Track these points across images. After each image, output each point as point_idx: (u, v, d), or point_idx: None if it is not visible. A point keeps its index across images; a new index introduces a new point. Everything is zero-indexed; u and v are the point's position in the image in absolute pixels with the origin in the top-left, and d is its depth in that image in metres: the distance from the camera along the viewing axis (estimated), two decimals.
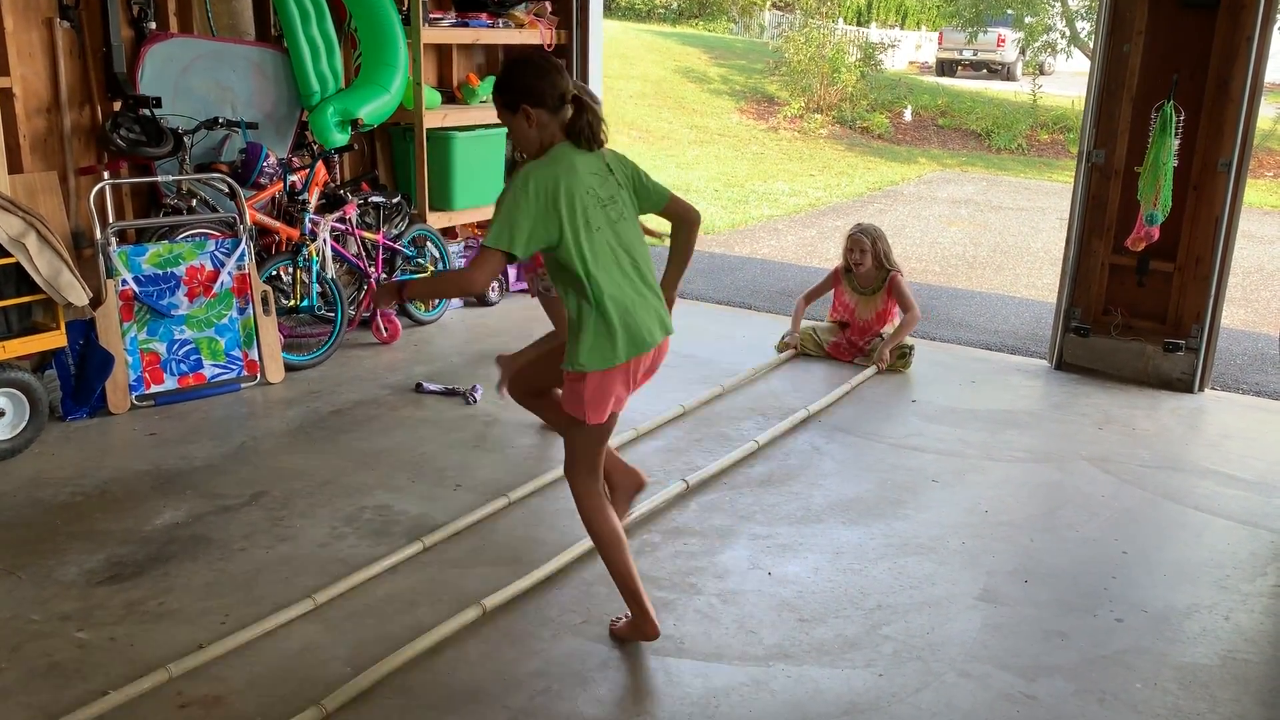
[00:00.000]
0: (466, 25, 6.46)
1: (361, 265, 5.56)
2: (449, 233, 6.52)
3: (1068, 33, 20.74)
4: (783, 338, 5.74)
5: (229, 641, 2.88)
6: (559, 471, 3.68)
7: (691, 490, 3.95)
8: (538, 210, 2.65)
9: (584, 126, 2.77)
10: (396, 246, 5.76)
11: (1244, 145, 5.02)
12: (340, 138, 5.61)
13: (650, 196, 2.93)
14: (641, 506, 3.71)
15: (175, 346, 4.71)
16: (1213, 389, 5.39)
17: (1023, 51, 23.32)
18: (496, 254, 2.65)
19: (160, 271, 4.66)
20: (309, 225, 5.20)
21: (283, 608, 3.06)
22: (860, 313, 5.63)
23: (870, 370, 5.37)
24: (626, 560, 2.91)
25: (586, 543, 3.43)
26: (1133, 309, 5.45)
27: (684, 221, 3.02)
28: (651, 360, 2.88)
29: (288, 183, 5.34)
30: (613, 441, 3.06)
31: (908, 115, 17.65)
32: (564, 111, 2.75)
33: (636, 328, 2.77)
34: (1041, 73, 21.68)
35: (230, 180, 4.93)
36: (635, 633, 2.97)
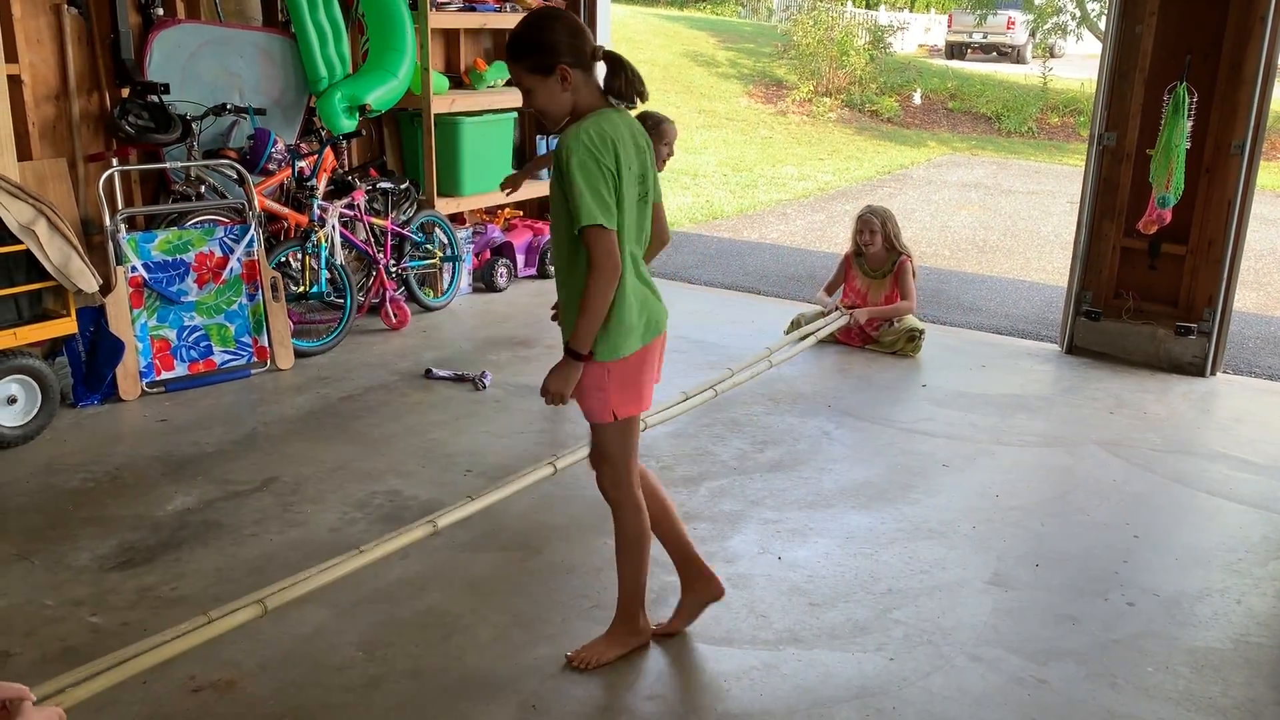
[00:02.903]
0: (474, 10, 6.44)
1: (370, 251, 5.56)
2: (457, 218, 6.51)
3: (1078, 14, 20.60)
4: (819, 311, 5.70)
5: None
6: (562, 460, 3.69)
7: (702, 474, 3.95)
8: (612, 178, 2.43)
9: (624, 84, 2.50)
10: (405, 232, 5.76)
11: (1257, 127, 4.98)
12: (348, 123, 5.60)
13: (654, 189, 2.68)
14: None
15: (185, 333, 4.72)
16: (1225, 373, 5.37)
17: (1032, 34, 23.17)
18: (603, 230, 2.42)
19: (170, 258, 4.66)
20: (317, 211, 5.20)
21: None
22: (871, 296, 5.61)
23: (843, 320, 5.44)
24: (647, 559, 2.76)
25: (595, 527, 3.44)
26: (1144, 292, 5.42)
27: (656, 239, 2.75)
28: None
29: (296, 169, 5.34)
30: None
31: (917, 98, 17.56)
32: (595, 71, 2.51)
33: (654, 313, 2.65)
34: (1051, 55, 21.52)
35: (239, 166, 4.92)
36: (624, 642, 2.81)
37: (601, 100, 2.54)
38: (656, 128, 4.32)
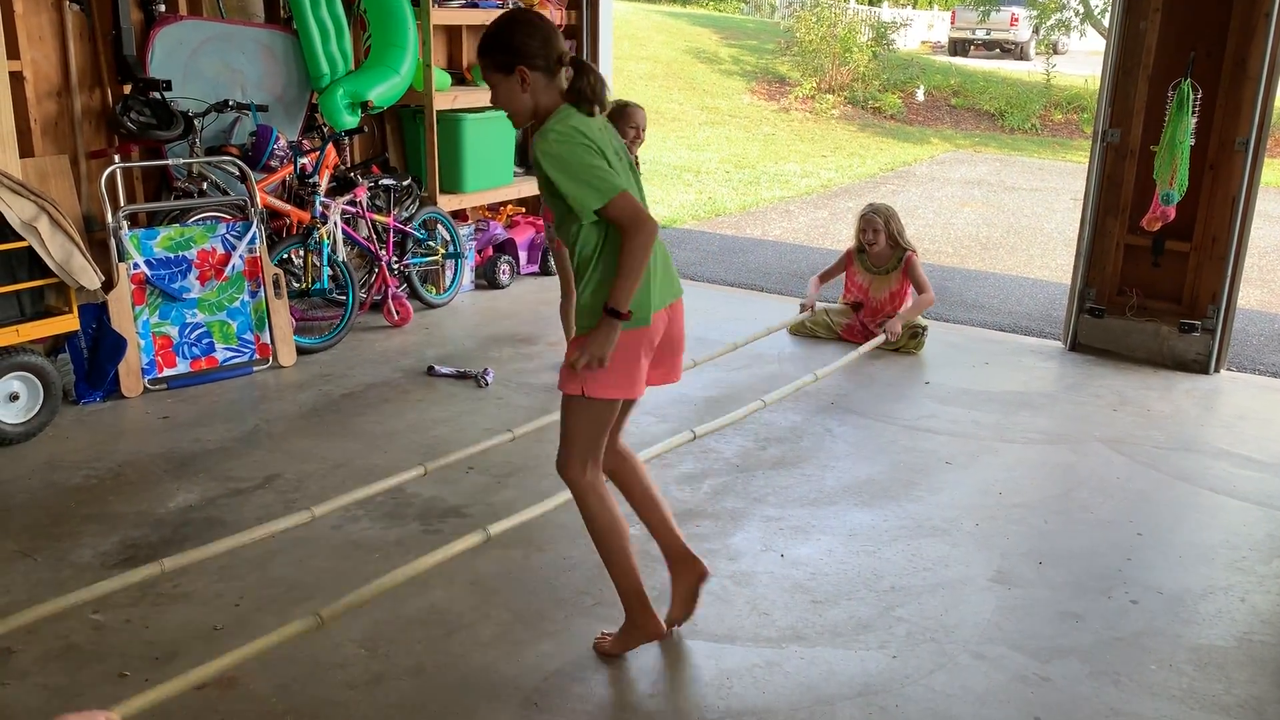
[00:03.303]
0: (476, 6, 6.43)
1: (372, 248, 5.56)
2: (459, 215, 6.51)
3: (1081, 10, 20.56)
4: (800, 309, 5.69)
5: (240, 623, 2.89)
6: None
7: (704, 471, 3.95)
8: (595, 151, 2.46)
9: (586, 87, 2.54)
10: (407, 229, 5.75)
11: (1261, 124, 4.96)
12: (350, 120, 5.60)
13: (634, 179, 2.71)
14: (650, 451, 3.77)
15: (187, 330, 4.72)
16: (1228, 370, 5.36)
17: (1036, 30, 23.13)
18: (617, 195, 2.43)
19: (172, 255, 4.66)
20: (320, 208, 5.19)
21: (295, 588, 3.07)
22: (874, 293, 5.60)
23: (880, 339, 5.33)
24: (628, 553, 2.72)
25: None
26: (1148, 289, 5.41)
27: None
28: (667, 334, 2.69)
29: (298, 165, 5.34)
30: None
31: (920, 95, 17.54)
32: (560, 76, 2.54)
33: (667, 277, 2.64)
34: (1055, 52, 21.51)
35: (241, 163, 4.92)
36: (632, 638, 2.80)
37: (563, 102, 2.57)
38: (622, 111, 4.43)
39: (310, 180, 5.28)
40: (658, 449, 3.99)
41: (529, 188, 6.81)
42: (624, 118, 4.46)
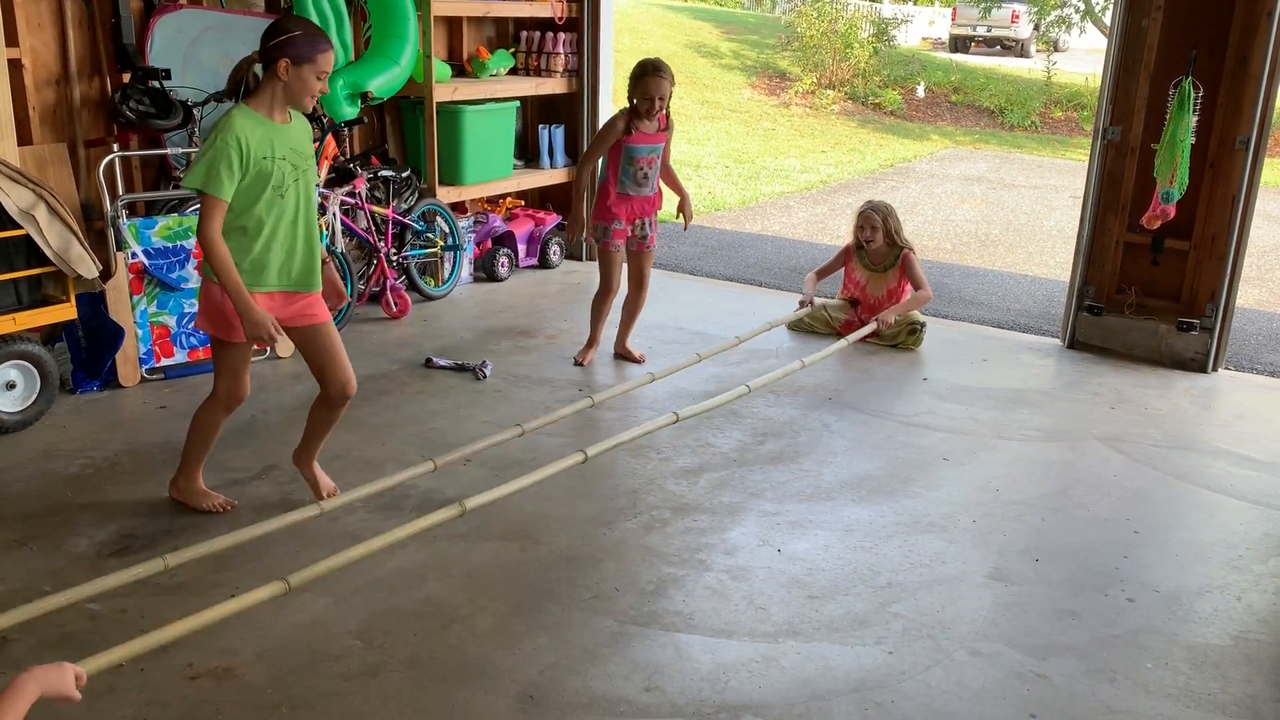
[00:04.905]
0: None
1: (371, 239, 5.54)
2: (459, 207, 6.50)
3: (1082, 8, 20.54)
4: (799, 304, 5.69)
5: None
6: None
7: (701, 466, 3.94)
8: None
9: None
10: (406, 221, 5.74)
11: (1262, 123, 4.96)
12: (350, 111, 5.58)
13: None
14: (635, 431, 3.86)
15: (185, 319, 4.70)
16: (1227, 369, 5.36)
17: (1037, 27, 23.11)
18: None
19: (170, 244, 4.65)
20: (318, 199, 5.17)
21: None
22: (871, 290, 5.60)
23: (870, 327, 5.33)
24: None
25: (595, 518, 3.44)
26: (1147, 288, 5.41)
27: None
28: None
29: None
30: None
31: (920, 92, 17.52)
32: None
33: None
34: (1055, 49, 21.47)
35: None
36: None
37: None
38: (638, 81, 4.71)
39: None
40: (634, 432, 3.95)
41: (529, 180, 6.80)
42: (639, 88, 4.65)
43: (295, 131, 3.25)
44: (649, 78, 4.62)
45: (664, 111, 4.74)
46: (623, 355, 5.15)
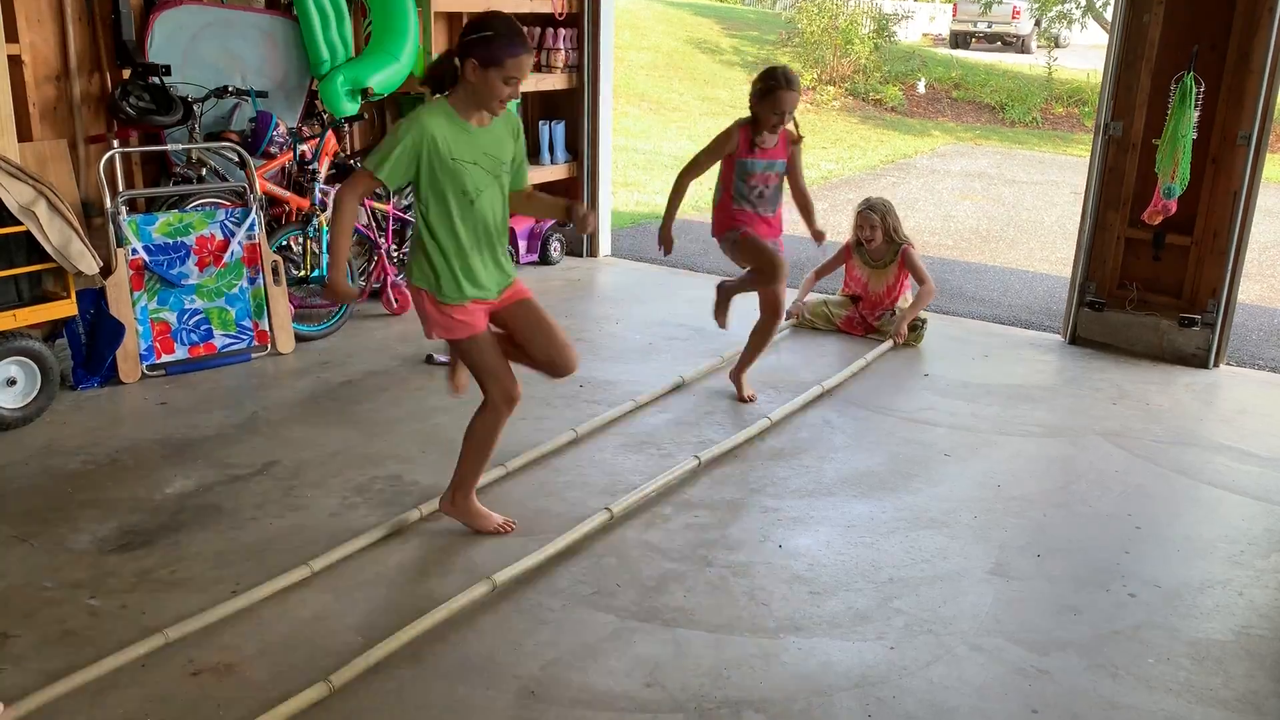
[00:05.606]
0: None
1: (371, 236, 5.54)
2: None
3: (1083, 3, 20.51)
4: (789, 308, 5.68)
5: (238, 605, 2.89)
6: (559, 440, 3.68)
7: (703, 465, 3.94)
8: None
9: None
10: (406, 217, 5.73)
11: (1264, 118, 4.95)
12: (350, 107, 5.57)
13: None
14: (655, 482, 3.71)
15: (186, 316, 4.70)
16: (1228, 364, 5.35)
17: (1037, 23, 23.06)
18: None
19: (170, 241, 4.65)
20: (319, 195, 5.17)
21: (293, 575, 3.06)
22: (872, 286, 5.59)
23: (886, 345, 5.33)
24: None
25: (597, 515, 3.44)
26: (1148, 283, 5.41)
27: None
28: None
29: (298, 152, 5.32)
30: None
31: (921, 88, 17.49)
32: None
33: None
34: (1056, 45, 21.45)
35: (240, 149, 4.90)
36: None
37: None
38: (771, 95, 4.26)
39: (310, 167, 5.26)
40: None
41: (529, 177, 6.77)
42: (768, 102, 4.19)
43: (491, 136, 3.06)
44: (781, 91, 4.13)
45: (787, 127, 4.31)
46: (736, 385, 4.60)
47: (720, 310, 4.80)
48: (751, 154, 4.31)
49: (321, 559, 3.14)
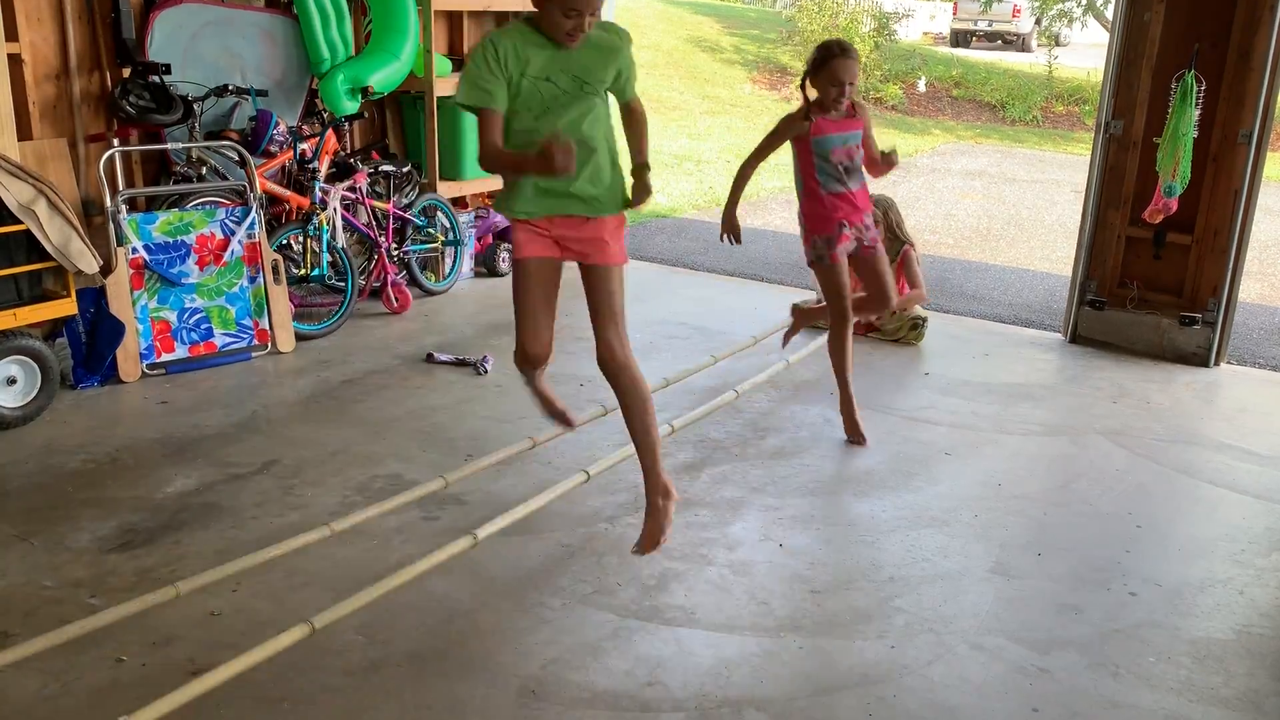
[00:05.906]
0: None
1: (372, 234, 5.54)
2: (459, 202, 6.48)
3: (1084, 2, 20.49)
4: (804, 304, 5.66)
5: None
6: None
7: (703, 461, 3.94)
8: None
9: None
10: (407, 216, 5.73)
11: (1265, 117, 4.95)
12: (350, 105, 5.57)
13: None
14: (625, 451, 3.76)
15: (186, 315, 4.70)
16: (1229, 363, 5.35)
17: (1038, 22, 23.05)
18: None
19: (170, 239, 4.64)
20: (319, 194, 5.17)
21: (293, 574, 3.06)
22: None
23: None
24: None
25: (597, 512, 3.44)
26: (1149, 282, 5.41)
27: None
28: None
29: (298, 151, 5.32)
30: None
31: (921, 86, 17.48)
32: None
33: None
34: (1057, 44, 21.43)
35: (240, 148, 4.90)
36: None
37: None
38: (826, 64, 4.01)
39: (310, 166, 5.25)
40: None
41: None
42: (825, 73, 3.93)
43: (583, 57, 2.91)
44: (836, 60, 3.89)
45: (850, 100, 4.06)
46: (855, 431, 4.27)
47: (791, 334, 4.93)
48: (824, 132, 4.06)
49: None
